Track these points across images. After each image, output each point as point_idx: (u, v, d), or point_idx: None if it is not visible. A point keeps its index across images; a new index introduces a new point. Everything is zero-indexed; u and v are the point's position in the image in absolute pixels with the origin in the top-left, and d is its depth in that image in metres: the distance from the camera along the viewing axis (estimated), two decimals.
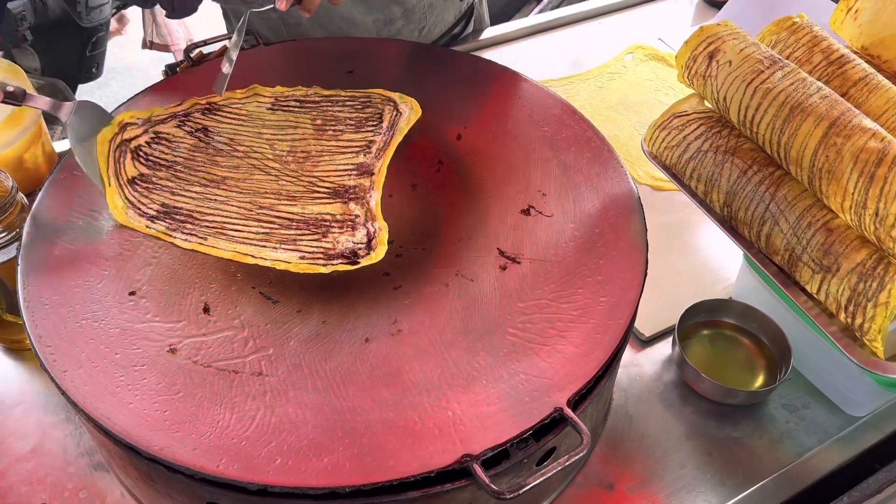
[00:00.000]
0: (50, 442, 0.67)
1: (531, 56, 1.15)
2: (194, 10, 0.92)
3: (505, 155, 0.74)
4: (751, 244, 0.63)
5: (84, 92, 2.13)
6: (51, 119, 1.30)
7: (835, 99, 0.58)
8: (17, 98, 0.65)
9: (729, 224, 0.65)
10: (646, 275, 0.63)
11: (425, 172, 0.73)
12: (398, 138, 0.75)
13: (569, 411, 0.53)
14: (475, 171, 0.73)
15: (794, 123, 0.58)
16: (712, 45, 0.64)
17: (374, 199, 0.69)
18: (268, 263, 0.63)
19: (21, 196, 0.68)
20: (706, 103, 0.68)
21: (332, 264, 0.63)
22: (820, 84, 0.59)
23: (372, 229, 0.66)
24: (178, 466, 0.50)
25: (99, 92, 2.34)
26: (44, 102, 0.66)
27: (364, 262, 0.63)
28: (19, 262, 0.61)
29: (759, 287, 0.73)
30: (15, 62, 0.89)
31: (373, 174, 0.71)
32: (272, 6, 0.69)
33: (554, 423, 0.54)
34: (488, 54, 1.12)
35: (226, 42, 0.85)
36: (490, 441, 0.52)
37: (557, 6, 1.70)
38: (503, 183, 0.72)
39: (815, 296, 0.60)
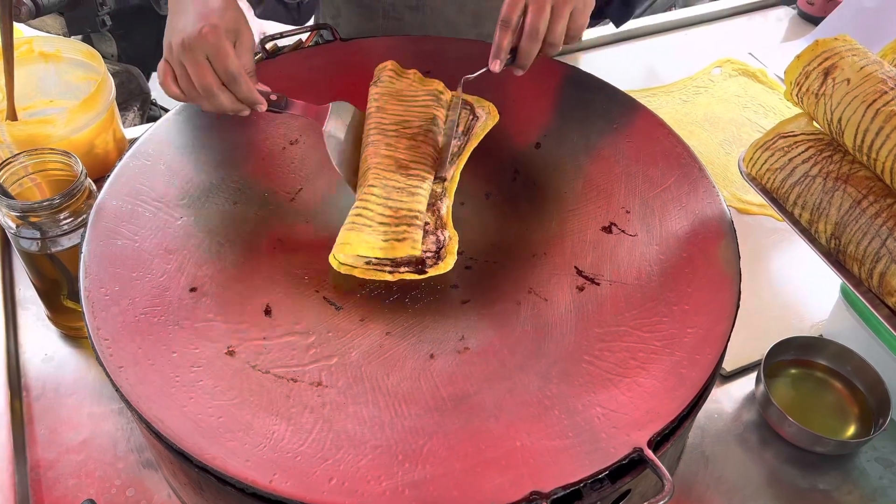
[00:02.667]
0: (101, 435, 0.65)
1: (612, 65, 1.10)
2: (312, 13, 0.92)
3: (586, 167, 0.70)
4: (860, 282, 0.58)
5: (154, 80, 2.16)
6: (121, 106, 1.31)
7: None
8: (280, 106, 0.65)
9: (835, 258, 0.59)
10: (738, 307, 0.58)
11: (500, 181, 0.69)
12: (473, 143, 0.71)
13: (649, 453, 0.49)
14: (553, 183, 0.69)
15: None
16: (828, 60, 0.58)
17: (446, 206, 0.65)
18: (333, 264, 0.60)
19: (89, 182, 0.67)
20: (815, 124, 0.62)
21: (399, 272, 0.60)
22: None
23: (442, 238, 0.63)
24: (229, 478, 0.47)
25: None
26: (303, 109, 0.65)
27: (431, 273, 0.60)
28: (82, 249, 0.59)
29: (858, 328, 0.67)
30: (92, 47, 0.89)
31: (445, 180, 0.68)
32: (486, 69, 0.66)
33: (632, 465, 0.49)
34: (568, 61, 1.07)
35: (301, 36, 0.83)
36: (561, 478, 0.48)
37: (640, 15, 1.64)
38: (583, 197, 0.67)
39: None
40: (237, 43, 0.62)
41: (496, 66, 0.65)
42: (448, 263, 0.60)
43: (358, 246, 0.58)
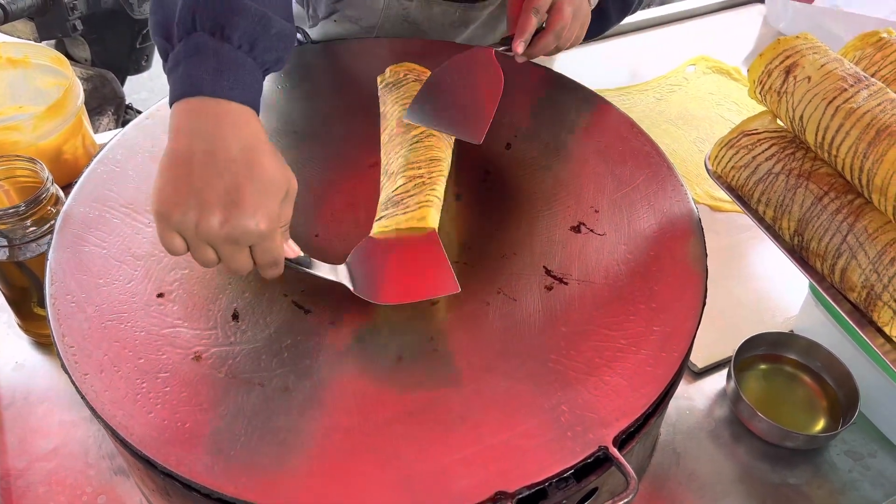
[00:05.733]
0: (72, 442, 0.65)
1: (586, 63, 1.11)
2: None
3: (556, 167, 0.70)
4: (823, 278, 0.58)
5: (133, 83, 2.14)
6: (95, 110, 1.31)
7: None
8: (303, 264, 0.55)
9: (799, 254, 0.60)
10: (704, 304, 0.58)
11: (471, 182, 0.69)
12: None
13: (614, 451, 0.49)
14: (523, 184, 0.69)
15: (881, 148, 0.52)
16: (790, 58, 0.59)
17: None
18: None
19: (56, 188, 0.66)
20: (779, 122, 0.63)
21: None
22: None
23: None
24: (195, 484, 0.47)
25: (150, 83, 2.37)
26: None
27: None
28: (49, 256, 0.59)
29: (826, 323, 0.68)
30: (66, 51, 0.89)
31: None
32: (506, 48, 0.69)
33: (597, 463, 0.50)
34: (541, 61, 1.07)
35: None
36: (527, 478, 0.48)
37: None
38: (553, 197, 0.68)
39: (894, 339, 0.54)
40: (285, 197, 0.50)
41: (521, 47, 0.67)
42: None
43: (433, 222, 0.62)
